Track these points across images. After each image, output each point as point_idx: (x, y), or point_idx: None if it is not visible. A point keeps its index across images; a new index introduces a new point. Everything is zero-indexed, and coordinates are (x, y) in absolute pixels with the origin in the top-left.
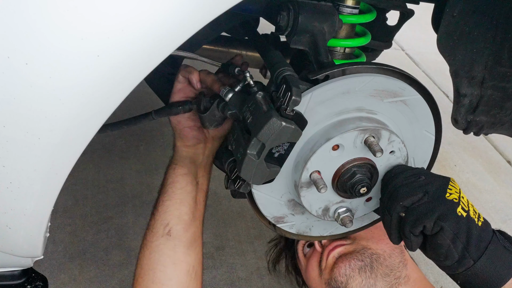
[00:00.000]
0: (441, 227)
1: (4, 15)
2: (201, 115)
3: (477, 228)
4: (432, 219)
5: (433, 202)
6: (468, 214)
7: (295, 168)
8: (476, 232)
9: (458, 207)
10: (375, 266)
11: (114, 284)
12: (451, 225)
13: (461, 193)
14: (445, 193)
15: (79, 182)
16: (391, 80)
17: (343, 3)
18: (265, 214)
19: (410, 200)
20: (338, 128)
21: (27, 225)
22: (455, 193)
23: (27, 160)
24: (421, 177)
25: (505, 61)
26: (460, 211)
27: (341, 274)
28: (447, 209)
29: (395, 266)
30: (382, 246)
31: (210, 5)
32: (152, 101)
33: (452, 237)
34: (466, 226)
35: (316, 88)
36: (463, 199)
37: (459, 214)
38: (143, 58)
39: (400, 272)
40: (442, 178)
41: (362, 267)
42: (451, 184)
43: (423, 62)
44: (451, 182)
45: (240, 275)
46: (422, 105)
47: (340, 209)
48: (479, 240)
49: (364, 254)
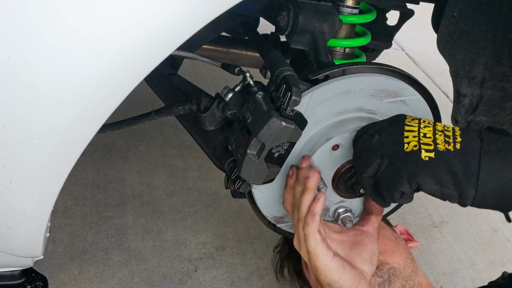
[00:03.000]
0: (417, 183)
1: (4, 15)
2: (201, 115)
3: (456, 155)
4: (404, 182)
5: (394, 164)
6: (436, 149)
7: None
8: (457, 159)
9: (420, 153)
10: (392, 280)
11: (114, 284)
12: (424, 176)
13: (420, 130)
14: (403, 146)
15: (79, 182)
16: (391, 80)
17: (343, 3)
18: (265, 214)
19: (371, 169)
20: (338, 128)
21: (27, 225)
22: (413, 138)
23: (27, 160)
24: (375, 136)
25: (505, 61)
26: (426, 154)
27: None
28: (411, 163)
29: (409, 276)
30: (397, 258)
31: (210, 5)
32: (152, 101)
33: (434, 183)
34: (443, 163)
35: (317, 88)
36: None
37: (426, 159)
38: (143, 58)
39: (414, 281)
40: (396, 126)
41: (381, 283)
42: (407, 127)
43: (423, 62)
44: (407, 124)
45: (240, 275)
46: (422, 105)
47: (340, 209)
48: (465, 165)
49: (382, 270)
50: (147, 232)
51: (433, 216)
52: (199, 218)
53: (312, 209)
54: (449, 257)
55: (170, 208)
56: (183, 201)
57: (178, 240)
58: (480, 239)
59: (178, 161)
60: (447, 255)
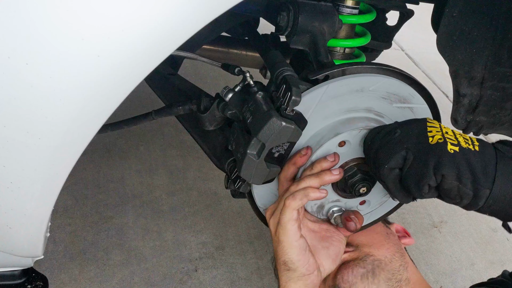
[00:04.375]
0: (442, 175)
1: (4, 15)
2: (201, 115)
3: (476, 155)
4: (431, 175)
5: (421, 156)
6: (460, 146)
7: None
8: (477, 159)
9: (447, 145)
10: (377, 272)
11: (114, 284)
12: (449, 168)
13: (442, 128)
14: (427, 138)
15: (79, 182)
16: (404, 85)
17: (343, 4)
18: (259, 205)
19: (394, 160)
20: (348, 125)
21: (27, 225)
22: (437, 132)
23: (27, 160)
24: (396, 131)
25: (504, 61)
26: (452, 147)
27: (344, 281)
28: (437, 155)
29: (396, 270)
30: (384, 251)
31: (211, 5)
32: (152, 101)
33: (455, 177)
34: (464, 160)
35: (332, 81)
36: (447, 133)
37: (451, 151)
38: (144, 58)
39: (401, 275)
40: (418, 123)
41: (364, 274)
42: (429, 124)
43: (422, 62)
44: (428, 122)
45: (240, 275)
46: (427, 115)
47: (334, 208)
48: (484, 165)
49: (366, 261)
50: (147, 232)
51: (433, 216)
52: (199, 218)
53: (308, 192)
54: (448, 257)
55: (170, 208)
56: (183, 201)
57: (178, 240)
58: (479, 239)
59: (178, 161)
60: (447, 255)
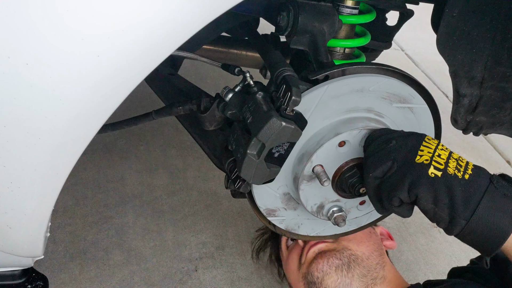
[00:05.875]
0: (416, 195)
1: (4, 15)
2: (201, 115)
3: (462, 184)
4: (404, 189)
5: (401, 170)
6: (445, 172)
7: (299, 160)
8: (461, 188)
9: (429, 168)
10: (352, 266)
11: (114, 283)
12: (425, 190)
13: (437, 150)
14: (415, 157)
15: (79, 182)
16: (404, 86)
17: (343, 4)
18: (259, 205)
19: (380, 170)
20: (348, 125)
21: (27, 225)
22: (427, 153)
23: (27, 160)
24: (392, 142)
25: (504, 61)
26: (433, 171)
27: (318, 270)
28: (416, 174)
29: (372, 267)
30: (362, 248)
31: (211, 5)
32: (152, 101)
33: (432, 200)
34: (445, 186)
35: (333, 81)
36: (440, 156)
37: (432, 175)
38: (144, 59)
39: (377, 273)
40: (415, 139)
41: (339, 266)
42: (425, 143)
43: (422, 62)
44: (426, 140)
45: (240, 274)
46: (427, 115)
47: (334, 208)
48: (467, 196)
49: (343, 253)
50: (147, 232)
51: None
52: (199, 218)
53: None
54: (448, 257)
55: (170, 208)
56: (183, 201)
57: (178, 239)
58: None
59: (178, 161)
60: (447, 254)
